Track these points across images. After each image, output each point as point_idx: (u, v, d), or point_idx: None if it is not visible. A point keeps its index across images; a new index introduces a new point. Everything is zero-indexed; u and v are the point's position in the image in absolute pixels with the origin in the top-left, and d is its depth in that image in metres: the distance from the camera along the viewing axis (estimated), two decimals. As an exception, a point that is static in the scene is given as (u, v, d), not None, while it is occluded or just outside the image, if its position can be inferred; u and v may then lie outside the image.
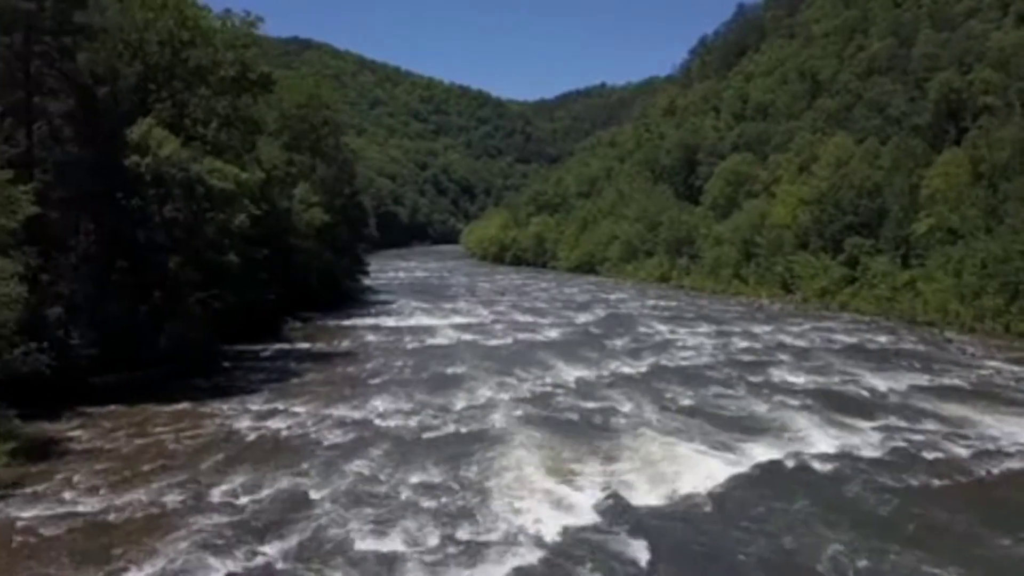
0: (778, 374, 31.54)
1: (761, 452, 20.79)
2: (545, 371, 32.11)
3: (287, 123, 54.20)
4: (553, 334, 43.36)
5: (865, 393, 28.37)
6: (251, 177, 33.47)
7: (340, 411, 25.38)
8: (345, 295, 58.58)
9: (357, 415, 24.99)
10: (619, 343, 39.90)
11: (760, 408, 25.98)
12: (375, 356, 36.13)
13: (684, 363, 34.39)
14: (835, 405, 26.22)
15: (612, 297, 65.37)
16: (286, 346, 38.72)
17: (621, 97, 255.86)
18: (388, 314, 52.26)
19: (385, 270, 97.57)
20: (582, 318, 50.49)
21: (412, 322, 48.21)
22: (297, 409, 25.57)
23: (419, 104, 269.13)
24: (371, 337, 41.90)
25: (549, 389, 28.87)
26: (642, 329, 44.97)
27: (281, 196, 48.98)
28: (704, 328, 45.32)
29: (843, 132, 69.90)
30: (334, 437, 22.47)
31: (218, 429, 23.27)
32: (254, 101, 37.71)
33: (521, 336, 42.27)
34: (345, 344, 39.68)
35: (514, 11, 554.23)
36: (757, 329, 44.67)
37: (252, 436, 22.60)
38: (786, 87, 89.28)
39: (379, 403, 26.44)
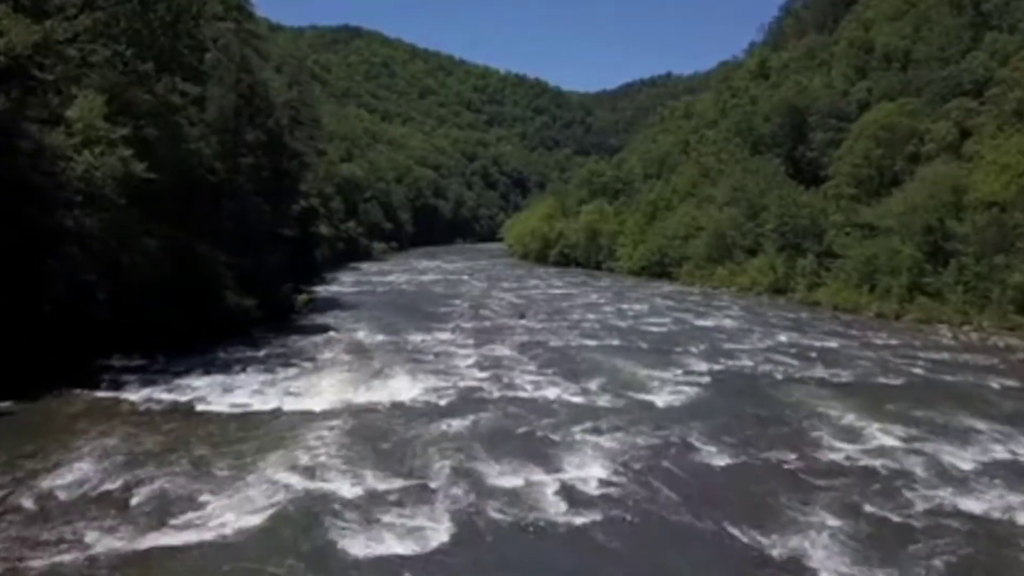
0: None
1: None
2: None
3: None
4: (593, 473, 14.48)
5: None
6: None
7: None
8: (231, 319, 30.48)
9: None
10: (814, 549, 11.09)
11: None
12: None
13: None
14: None
15: (710, 325, 35.90)
16: None
17: (688, 87, 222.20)
18: (270, 368, 24.31)
19: (390, 272, 71.34)
20: (665, 393, 21.39)
21: (274, 403, 20.08)
22: None
23: (472, 93, 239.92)
24: (60, 483, 13.87)
25: None
26: (826, 438, 16.08)
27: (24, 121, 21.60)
28: (988, 440, 16.23)
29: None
30: None
31: None
32: None
33: (499, 486, 13.65)
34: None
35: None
36: None
37: None
38: (931, 26, 63.66)
39: None
